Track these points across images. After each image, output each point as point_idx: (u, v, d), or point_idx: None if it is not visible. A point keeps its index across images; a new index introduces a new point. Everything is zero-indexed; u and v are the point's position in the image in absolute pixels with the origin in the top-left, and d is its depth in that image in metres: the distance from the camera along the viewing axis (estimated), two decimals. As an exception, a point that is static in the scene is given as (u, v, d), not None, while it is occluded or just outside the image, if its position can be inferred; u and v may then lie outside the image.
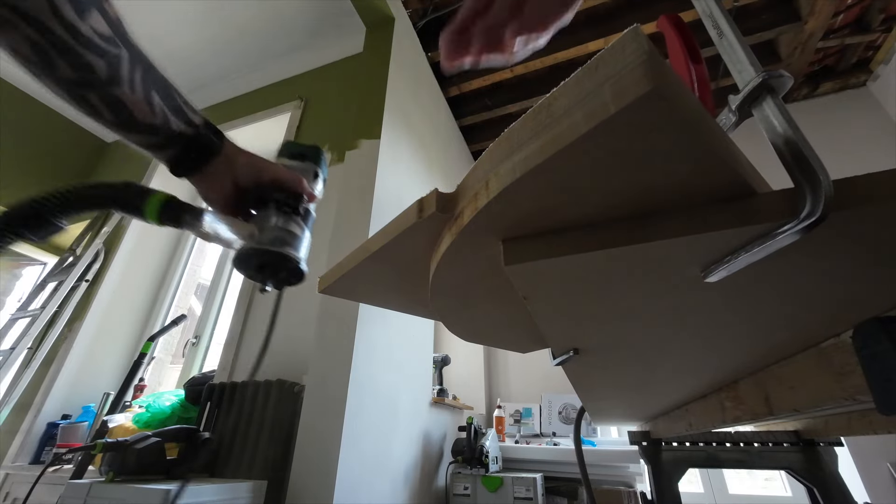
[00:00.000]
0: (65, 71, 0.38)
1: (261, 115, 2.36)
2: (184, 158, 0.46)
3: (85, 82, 0.39)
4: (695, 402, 0.66)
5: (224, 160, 0.48)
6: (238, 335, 1.67)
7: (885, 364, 0.26)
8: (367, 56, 2.02)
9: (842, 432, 0.82)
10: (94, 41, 0.38)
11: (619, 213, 0.21)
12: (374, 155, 1.64)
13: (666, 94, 0.14)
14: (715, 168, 0.18)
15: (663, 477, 0.93)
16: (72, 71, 0.38)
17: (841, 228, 0.19)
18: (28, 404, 1.85)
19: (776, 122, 0.21)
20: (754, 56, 0.25)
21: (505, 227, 0.23)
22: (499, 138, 0.21)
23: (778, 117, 0.21)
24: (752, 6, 2.20)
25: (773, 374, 0.44)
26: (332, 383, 1.27)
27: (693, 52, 0.40)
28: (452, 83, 2.62)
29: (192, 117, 0.46)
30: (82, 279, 2.11)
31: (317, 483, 1.13)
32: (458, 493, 1.77)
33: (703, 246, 0.21)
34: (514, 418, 2.37)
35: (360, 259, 0.34)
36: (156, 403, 1.45)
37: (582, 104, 0.16)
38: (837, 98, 2.64)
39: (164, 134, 0.44)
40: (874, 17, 2.19)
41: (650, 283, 0.25)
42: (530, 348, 0.49)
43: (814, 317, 0.30)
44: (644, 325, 0.32)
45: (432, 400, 1.87)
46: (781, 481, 2.03)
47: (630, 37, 0.15)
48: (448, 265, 0.28)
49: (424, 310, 0.46)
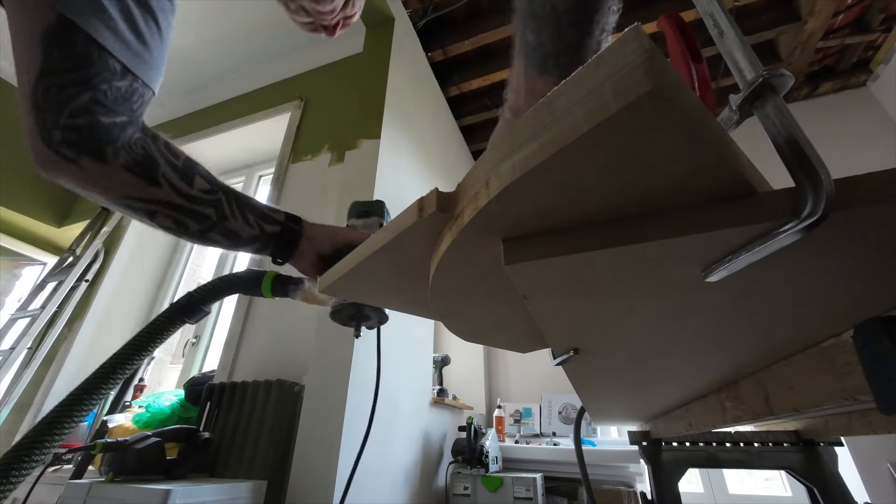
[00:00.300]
0: (192, 226, 0.53)
1: (261, 115, 2.36)
2: (280, 250, 0.59)
3: (206, 228, 0.53)
4: (695, 402, 0.66)
5: (306, 240, 0.60)
6: (238, 335, 1.67)
7: (886, 364, 0.26)
8: (367, 56, 2.02)
9: (842, 432, 0.82)
10: (203, 198, 0.52)
11: (620, 212, 0.21)
12: (374, 155, 1.64)
13: (667, 93, 0.14)
14: (716, 167, 0.18)
15: (663, 477, 0.93)
16: (197, 224, 0.53)
17: (842, 228, 0.19)
18: (28, 404, 1.85)
19: (777, 122, 0.21)
20: (755, 55, 0.25)
21: (505, 226, 0.23)
22: (500, 137, 0.21)
23: (779, 116, 0.21)
24: (752, 6, 2.20)
25: (773, 374, 0.44)
26: (332, 383, 1.26)
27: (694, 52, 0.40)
28: (452, 83, 2.62)
29: (275, 217, 0.59)
30: (82, 279, 2.11)
31: (317, 483, 1.13)
32: (458, 493, 1.77)
33: (704, 245, 0.20)
34: (514, 418, 2.37)
35: (360, 259, 0.34)
36: (156, 403, 1.45)
37: (583, 103, 0.16)
38: (837, 98, 2.64)
39: (263, 240, 0.57)
40: (874, 17, 2.19)
41: (651, 282, 0.25)
42: (530, 348, 0.49)
43: (814, 316, 0.30)
44: (644, 325, 0.32)
45: (432, 400, 1.87)
46: (781, 481, 2.03)
47: (631, 35, 0.15)
48: (448, 265, 0.28)
49: (424, 310, 0.46)
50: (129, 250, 2.26)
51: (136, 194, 0.48)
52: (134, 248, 2.28)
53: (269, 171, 2.44)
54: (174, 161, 0.51)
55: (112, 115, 0.45)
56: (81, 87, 0.42)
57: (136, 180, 0.47)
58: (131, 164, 0.47)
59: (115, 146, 0.46)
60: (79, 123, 0.43)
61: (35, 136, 0.43)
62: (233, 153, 2.57)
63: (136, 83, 0.47)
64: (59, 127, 0.42)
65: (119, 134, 0.46)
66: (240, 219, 0.55)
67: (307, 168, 2.04)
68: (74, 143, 0.43)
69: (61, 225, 2.61)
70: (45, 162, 0.44)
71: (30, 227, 2.58)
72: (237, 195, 0.56)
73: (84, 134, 0.43)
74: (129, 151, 0.47)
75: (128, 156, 0.47)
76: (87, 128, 0.43)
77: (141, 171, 0.48)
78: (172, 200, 0.50)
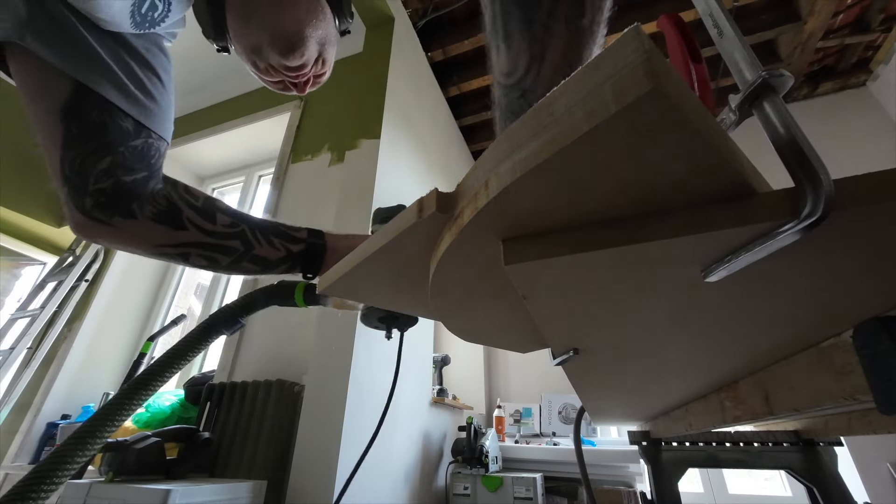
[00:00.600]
0: (223, 260, 0.55)
1: (261, 115, 2.36)
2: (308, 266, 0.60)
3: (236, 259, 0.56)
4: (695, 402, 0.66)
5: (331, 252, 0.61)
6: (238, 335, 1.67)
7: (886, 364, 0.26)
8: (366, 56, 2.02)
9: (842, 432, 0.82)
10: (227, 231, 0.55)
11: (620, 212, 0.21)
12: (374, 155, 1.64)
13: (667, 94, 0.14)
14: (715, 167, 0.18)
15: (663, 477, 0.93)
16: (227, 257, 0.55)
17: (842, 228, 0.19)
18: (28, 404, 1.85)
19: (777, 122, 0.21)
20: (754, 56, 0.25)
21: (505, 226, 0.23)
22: (499, 138, 0.21)
23: (778, 117, 0.21)
24: (752, 6, 2.20)
25: (773, 374, 0.44)
26: (332, 383, 1.26)
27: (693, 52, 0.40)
28: (452, 83, 2.62)
29: (298, 235, 0.61)
30: (82, 279, 2.11)
31: (317, 483, 1.13)
32: (458, 493, 1.77)
33: (704, 245, 0.20)
34: (514, 418, 2.37)
35: (360, 259, 0.34)
36: (156, 403, 1.45)
37: (583, 103, 0.16)
38: (837, 98, 2.64)
39: (291, 260, 0.59)
40: (874, 17, 2.19)
41: (650, 282, 0.25)
42: (530, 348, 0.49)
43: (814, 316, 0.30)
44: (644, 325, 0.32)
45: (432, 400, 1.88)
46: (781, 481, 2.03)
47: (631, 36, 0.15)
48: (448, 265, 0.28)
49: (424, 310, 0.46)
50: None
51: (167, 241, 0.52)
52: (134, 248, 2.28)
53: (269, 171, 2.44)
54: (195, 203, 0.54)
55: (133, 173, 0.48)
56: (102, 154, 0.46)
57: (164, 229, 0.51)
58: (157, 215, 0.51)
59: (140, 201, 0.49)
60: (104, 187, 0.47)
61: (70, 206, 0.47)
62: (233, 153, 2.57)
63: (151, 138, 0.50)
64: (88, 194, 0.46)
65: (142, 189, 0.50)
66: (265, 245, 0.57)
67: (307, 168, 2.04)
68: (104, 205, 0.47)
69: (61, 225, 2.61)
70: (83, 227, 0.48)
71: (30, 227, 2.57)
72: (259, 223, 0.58)
73: (111, 195, 0.47)
74: (154, 203, 0.51)
75: (153, 208, 0.51)
76: (113, 189, 0.47)
77: (167, 219, 0.51)
78: (200, 240, 0.53)
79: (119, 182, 0.47)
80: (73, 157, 0.45)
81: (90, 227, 0.48)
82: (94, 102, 0.45)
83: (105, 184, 0.46)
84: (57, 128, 0.45)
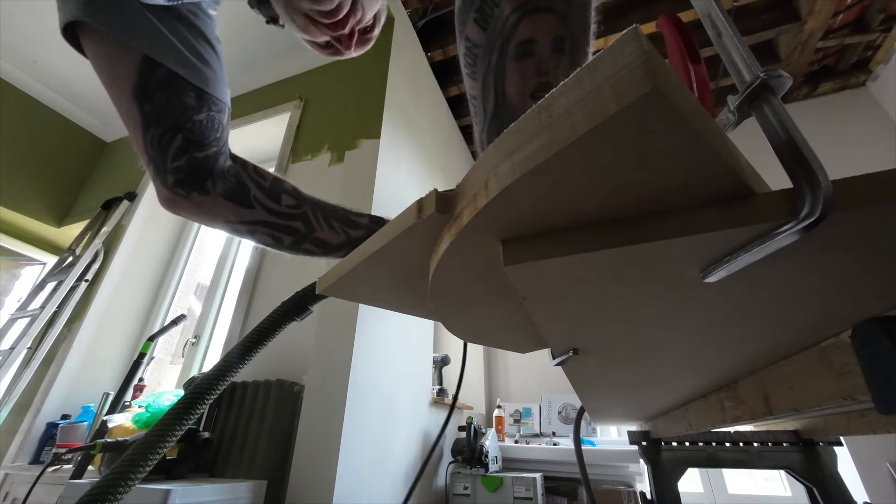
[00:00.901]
0: (286, 240, 0.57)
1: (261, 115, 2.36)
2: None
3: (298, 240, 0.57)
4: (695, 402, 0.66)
5: None
6: (238, 335, 1.67)
7: (885, 364, 0.26)
8: (366, 55, 2.01)
9: (841, 432, 0.82)
10: (291, 212, 0.57)
11: (619, 213, 0.21)
12: (374, 155, 1.64)
13: (665, 94, 0.14)
14: (714, 168, 0.18)
15: (663, 477, 0.93)
16: (290, 237, 0.57)
17: (840, 228, 0.19)
18: (27, 404, 1.85)
19: (775, 123, 0.21)
20: (753, 56, 0.25)
21: (504, 227, 0.23)
22: (499, 138, 0.21)
23: (777, 117, 0.21)
24: (752, 6, 2.20)
25: (772, 374, 0.44)
26: (332, 383, 1.26)
27: (692, 53, 0.40)
28: (452, 83, 2.62)
29: (360, 221, 0.62)
30: (82, 279, 2.11)
31: (317, 483, 1.13)
32: (458, 492, 1.77)
33: (703, 246, 0.21)
34: (514, 418, 2.37)
35: (360, 260, 0.34)
36: (155, 403, 1.45)
37: (582, 104, 0.16)
38: (837, 98, 2.64)
39: (349, 245, 0.60)
40: (874, 17, 2.19)
41: (649, 283, 0.25)
42: (530, 348, 0.49)
43: (813, 316, 0.30)
44: (644, 326, 0.32)
45: (432, 400, 1.88)
46: (781, 481, 2.03)
47: (630, 37, 0.15)
48: (447, 266, 0.28)
49: (424, 310, 0.46)
50: (128, 250, 2.26)
51: (237, 218, 0.54)
52: (133, 248, 2.28)
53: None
54: (263, 183, 0.56)
55: (203, 150, 0.51)
56: (174, 132, 0.49)
57: (233, 206, 0.54)
58: (227, 193, 0.53)
59: (213, 178, 0.52)
60: (181, 165, 0.49)
61: (157, 182, 0.50)
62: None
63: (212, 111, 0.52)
64: (168, 171, 0.49)
65: (213, 165, 0.52)
66: (326, 228, 0.59)
67: (307, 168, 2.04)
68: (184, 182, 0.50)
69: (61, 225, 2.61)
70: (170, 202, 0.52)
71: (30, 227, 2.58)
72: (322, 205, 0.60)
73: (188, 171, 0.50)
74: (225, 181, 0.53)
75: (224, 185, 0.53)
76: (188, 166, 0.50)
77: (236, 197, 0.54)
78: (266, 219, 0.55)
79: (192, 158, 0.50)
80: (151, 137, 0.48)
81: (175, 201, 0.51)
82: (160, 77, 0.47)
83: (181, 162, 0.49)
84: (133, 110, 0.47)
